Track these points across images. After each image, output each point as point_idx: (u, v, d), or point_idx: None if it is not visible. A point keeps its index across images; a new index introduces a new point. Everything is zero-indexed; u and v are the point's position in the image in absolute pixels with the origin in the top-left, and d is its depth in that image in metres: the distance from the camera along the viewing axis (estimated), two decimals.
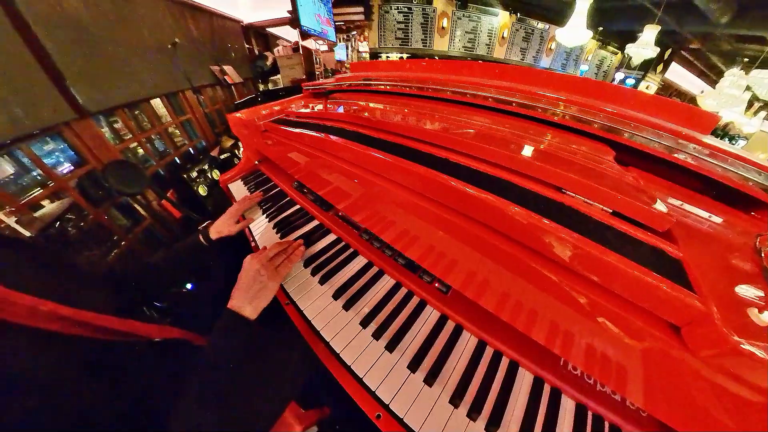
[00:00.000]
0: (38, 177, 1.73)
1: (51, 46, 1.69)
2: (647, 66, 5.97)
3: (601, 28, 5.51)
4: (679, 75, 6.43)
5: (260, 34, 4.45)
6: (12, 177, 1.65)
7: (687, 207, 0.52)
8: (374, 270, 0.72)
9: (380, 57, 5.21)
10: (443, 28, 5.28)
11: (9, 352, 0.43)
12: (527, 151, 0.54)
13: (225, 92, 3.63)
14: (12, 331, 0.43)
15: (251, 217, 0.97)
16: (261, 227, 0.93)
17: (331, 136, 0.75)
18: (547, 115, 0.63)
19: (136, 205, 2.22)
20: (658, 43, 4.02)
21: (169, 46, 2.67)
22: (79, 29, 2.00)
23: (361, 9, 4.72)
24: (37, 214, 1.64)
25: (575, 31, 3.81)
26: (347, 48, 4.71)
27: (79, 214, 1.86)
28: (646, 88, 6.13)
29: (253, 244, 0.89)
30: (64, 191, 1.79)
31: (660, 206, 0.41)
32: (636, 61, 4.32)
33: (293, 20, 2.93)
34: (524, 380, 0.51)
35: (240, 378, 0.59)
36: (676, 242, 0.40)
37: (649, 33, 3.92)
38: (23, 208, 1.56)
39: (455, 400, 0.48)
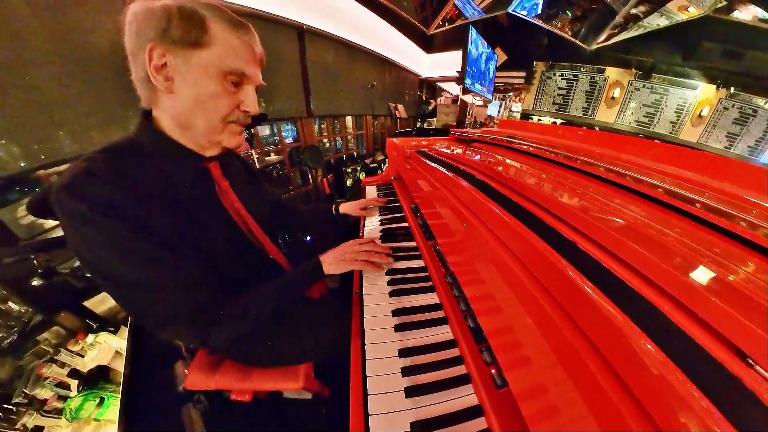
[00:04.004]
0: (276, 139, 2.69)
1: (312, 77, 2.59)
2: None
3: None
4: None
5: (430, 86, 4.90)
6: (266, 135, 2.66)
7: None
8: (440, 314, 0.63)
9: (531, 119, 4.73)
10: (613, 98, 4.14)
11: (206, 221, 0.60)
12: (701, 275, 0.30)
13: (392, 122, 4.16)
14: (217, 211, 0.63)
15: (371, 212, 1.08)
16: (372, 225, 1.01)
17: (459, 179, 0.72)
18: (756, 235, 0.35)
19: (309, 175, 2.91)
20: None
21: (369, 86, 3.32)
22: (326, 69, 2.91)
23: (523, 74, 4.48)
24: (266, 158, 2.48)
25: None
26: (500, 105, 4.58)
27: (282, 167, 2.66)
28: None
29: (361, 232, 0.99)
30: (283, 152, 2.69)
31: None
32: None
33: (459, 79, 3.13)
34: None
35: (292, 309, 0.67)
36: None
37: None
38: (262, 153, 2.46)
39: None
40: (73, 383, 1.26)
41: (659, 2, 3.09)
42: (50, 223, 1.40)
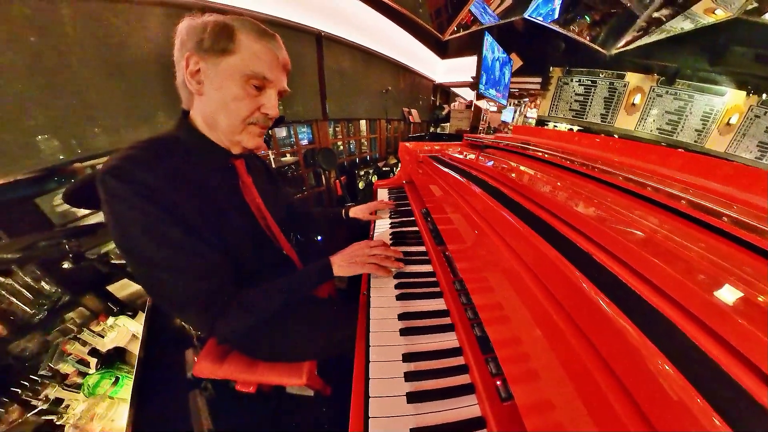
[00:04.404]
0: (292, 141, 2.73)
1: (328, 82, 2.59)
2: None
3: None
4: None
5: (444, 91, 4.87)
6: (283, 136, 2.68)
7: None
8: (447, 320, 0.61)
9: (547, 125, 4.58)
10: (633, 104, 3.93)
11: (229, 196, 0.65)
12: (727, 294, 0.28)
13: (405, 126, 4.16)
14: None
15: (381, 216, 1.08)
16: (382, 228, 1.01)
17: (472, 184, 0.71)
18: None
19: (322, 176, 2.96)
20: None
21: (383, 91, 3.34)
22: (343, 74, 2.93)
23: (539, 79, 4.36)
24: (282, 159, 2.52)
25: None
26: (515, 111, 4.48)
27: (297, 168, 2.70)
28: None
29: (371, 234, 1.00)
30: (298, 153, 2.70)
31: None
32: None
33: (473, 84, 3.11)
34: None
35: (300, 307, 0.68)
36: None
37: None
38: (278, 153, 2.50)
39: None
40: (92, 361, 1.33)
41: (683, 5, 2.94)
42: (82, 211, 1.50)
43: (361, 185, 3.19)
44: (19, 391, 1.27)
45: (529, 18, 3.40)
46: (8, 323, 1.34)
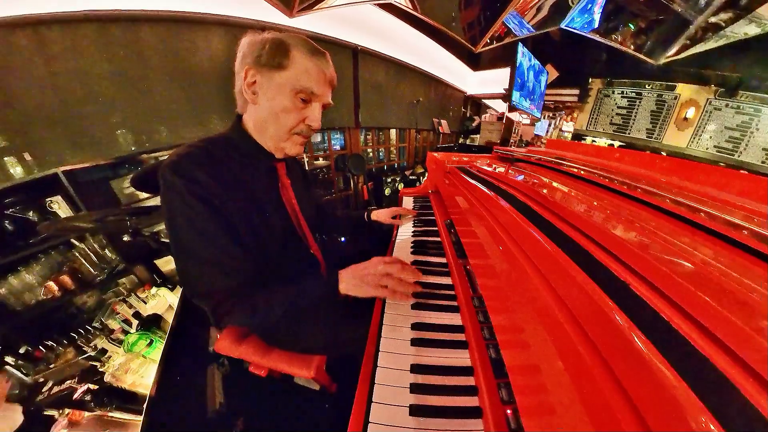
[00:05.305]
0: (325, 146, 2.85)
1: (362, 92, 2.71)
2: None
3: None
4: None
5: (475, 102, 4.78)
6: (317, 141, 2.82)
7: None
8: (461, 337, 0.58)
9: (584, 140, 4.26)
10: (686, 119, 3.40)
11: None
12: None
13: (434, 137, 4.14)
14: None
15: (402, 221, 1.09)
16: (405, 235, 1.01)
17: (499, 198, 0.68)
18: None
19: (351, 181, 3.06)
20: None
21: (414, 102, 3.37)
22: (377, 86, 3.05)
23: (576, 91, 4.07)
24: (315, 162, 2.71)
25: None
26: (549, 124, 4.24)
27: (328, 171, 2.83)
28: None
29: (393, 238, 0.99)
30: (330, 158, 2.82)
31: None
32: None
33: (506, 96, 3.00)
34: None
35: (312, 309, 0.65)
36: None
37: None
38: (312, 157, 2.66)
39: None
40: (134, 323, 1.51)
41: (746, 8, 2.58)
42: (144, 195, 1.75)
43: (387, 192, 3.22)
44: (76, 336, 1.49)
45: (566, 28, 3.22)
46: (76, 279, 1.60)
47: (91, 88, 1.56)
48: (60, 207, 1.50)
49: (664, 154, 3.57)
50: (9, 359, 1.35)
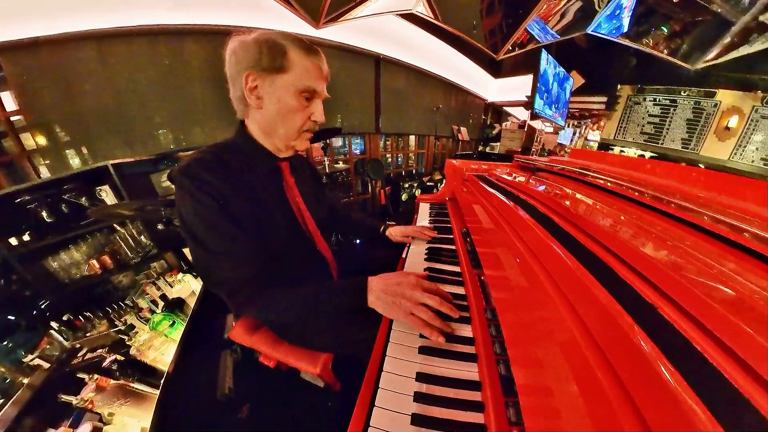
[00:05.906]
0: (345, 150, 2.95)
1: (384, 99, 2.80)
2: None
3: None
4: None
5: (496, 110, 4.68)
6: (339, 146, 2.90)
7: None
8: (470, 349, 0.54)
9: (612, 150, 3.96)
10: (728, 128, 3.08)
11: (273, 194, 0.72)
12: None
13: (453, 144, 4.10)
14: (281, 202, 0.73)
15: (414, 241, 0.99)
16: (419, 242, 0.99)
17: (519, 209, 0.66)
18: None
19: (369, 185, 3.10)
20: None
21: (434, 108, 3.36)
22: (398, 93, 3.11)
23: (604, 98, 3.83)
24: (335, 165, 2.74)
25: None
26: (574, 133, 4.04)
27: (347, 175, 2.90)
28: None
29: (407, 247, 0.96)
30: (350, 162, 2.89)
31: None
32: None
33: (528, 103, 2.90)
34: None
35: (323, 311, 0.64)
36: None
37: None
38: (333, 160, 2.71)
39: None
40: (161, 304, 1.64)
41: None
42: None
43: (404, 197, 3.22)
44: (110, 311, 1.64)
45: (592, 33, 3.07)
46: (115, 260, 1.79)
47: (140, 93, 1.76)
48: (107, 195, 1.73)
49: (701, 166, 3.26)
50: (54, 324, 1.53)
